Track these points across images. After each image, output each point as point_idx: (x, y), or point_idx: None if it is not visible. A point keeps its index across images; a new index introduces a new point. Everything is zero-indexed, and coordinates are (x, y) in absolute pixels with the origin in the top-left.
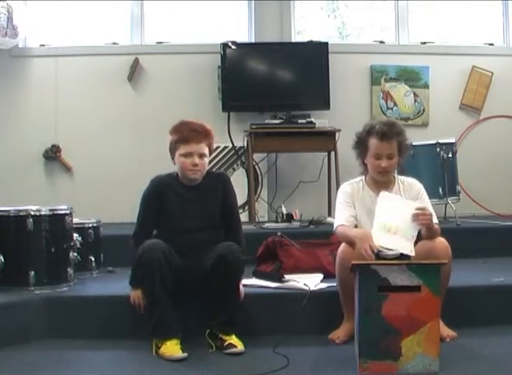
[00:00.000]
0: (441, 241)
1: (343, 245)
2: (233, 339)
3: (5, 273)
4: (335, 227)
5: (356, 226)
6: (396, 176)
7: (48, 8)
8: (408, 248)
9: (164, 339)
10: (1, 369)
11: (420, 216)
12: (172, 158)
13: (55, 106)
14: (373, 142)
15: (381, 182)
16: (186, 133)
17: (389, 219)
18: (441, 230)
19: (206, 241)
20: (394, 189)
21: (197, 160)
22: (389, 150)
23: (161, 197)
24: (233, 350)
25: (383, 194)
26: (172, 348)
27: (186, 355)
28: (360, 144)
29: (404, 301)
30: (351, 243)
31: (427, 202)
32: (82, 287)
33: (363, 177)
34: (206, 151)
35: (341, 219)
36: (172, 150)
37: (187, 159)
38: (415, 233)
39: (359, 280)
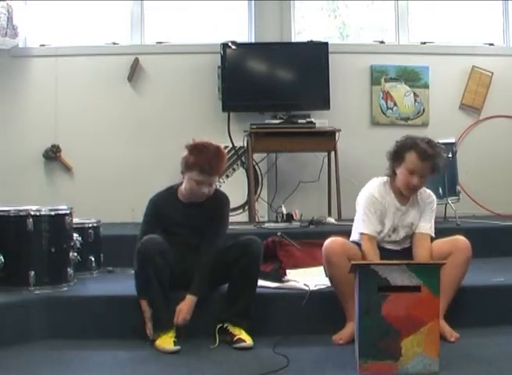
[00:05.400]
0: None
1: (327, 241)
2: (243, 334)
3: (5, 273)
4: (360, 233)
5: None
6: None
7: (48, 8)
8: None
9: (159, 332)
10: (1, 369)
11: None
12: (183, 172)
13: (55, 106)
14: (412, 158)
15: None
16: (204, 165)
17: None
18: (441, 230)
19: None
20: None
21: (206, 190)
22: (424, 170)
23: (161, 214)
24: (242, 345)
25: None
26: (165, 341)
27: (178, 347)
28: (398, 156)
29: (404, 301)
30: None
31: (430, 216)
32: (82, 287)
33: (388, 179)
34: (217, 179)
35: (369, 228)
36: (186, 168)
37: (198, 186)
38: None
39: (359, 280)
